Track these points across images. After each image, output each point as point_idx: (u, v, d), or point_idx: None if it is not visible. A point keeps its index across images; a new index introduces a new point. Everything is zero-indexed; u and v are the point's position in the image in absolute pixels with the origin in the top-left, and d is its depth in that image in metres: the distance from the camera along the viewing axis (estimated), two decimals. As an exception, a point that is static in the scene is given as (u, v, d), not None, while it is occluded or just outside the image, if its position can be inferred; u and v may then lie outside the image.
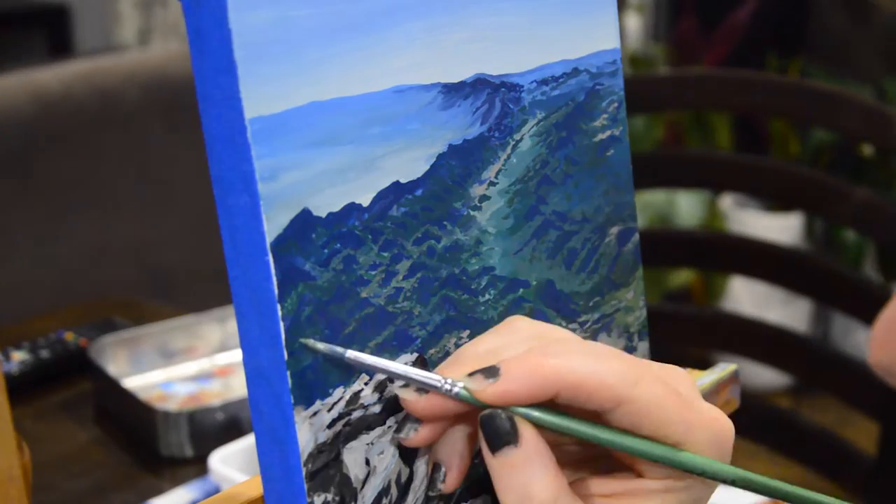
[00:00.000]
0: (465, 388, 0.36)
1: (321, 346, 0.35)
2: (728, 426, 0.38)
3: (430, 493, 0.39)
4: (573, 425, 0.36)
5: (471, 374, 0.36)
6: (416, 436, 0.37)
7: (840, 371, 1.03)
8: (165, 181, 1.64)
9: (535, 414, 0.36)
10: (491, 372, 0.36)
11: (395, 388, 0.38)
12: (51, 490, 0.80)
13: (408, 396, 0.37)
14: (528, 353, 0.36)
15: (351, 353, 0.36)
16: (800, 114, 1.06)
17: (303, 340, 0.35)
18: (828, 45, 2.76)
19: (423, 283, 0.39)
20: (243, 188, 0.34)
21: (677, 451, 0.37)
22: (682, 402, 0.37)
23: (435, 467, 0.39)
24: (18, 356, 0.96)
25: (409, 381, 0.37)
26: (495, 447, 0.36)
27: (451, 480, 0.38)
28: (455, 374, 0.37)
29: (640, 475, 0.38)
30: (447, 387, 0.36)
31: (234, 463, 0.75)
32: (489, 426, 0.36)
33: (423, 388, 0.37)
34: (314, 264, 0.36)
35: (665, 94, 1.11)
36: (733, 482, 0.37)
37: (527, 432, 0.36)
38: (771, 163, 1.08)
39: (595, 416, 0.37)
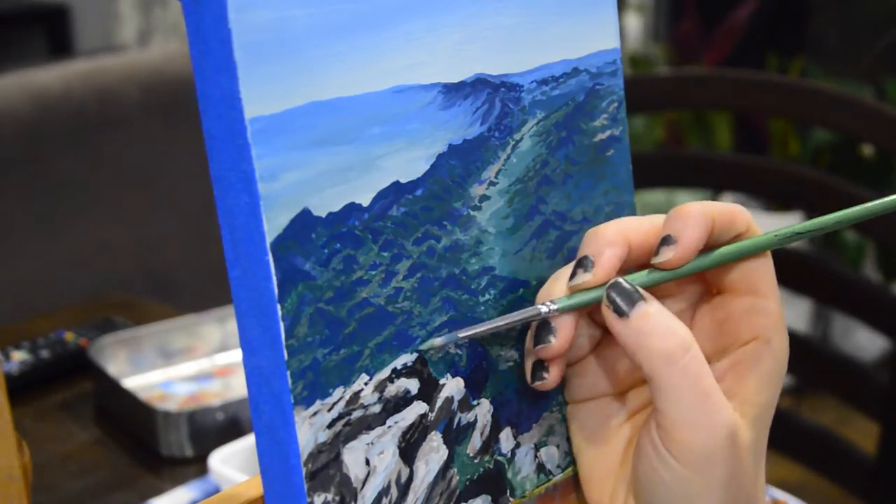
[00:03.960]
0: (567, 292, 0.40)
1: (438, 341, 0.39)
2: None
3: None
4: (676, 271, 0.41)
5: (656, 253, 0.40)
6: (549, 377, 0.41)
7: (840, 371, 1.03)
8: (165, 181, 1.64)
9: (646, 277, 0.40)
10: (668, 240, 0.40)
11: (527, 352, 0.41)
12: (51, 490, 0.80)
13: (540, 350, 0.40)
14: (686, 210, 0.40)
15: (463, 333, 0.39)
16: (800, 114, 1.06)
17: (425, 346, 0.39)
18: (828, 45, 2.76)
19: (424, 283, 0.39)
20: (243, 188, 0.34)
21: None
22: None
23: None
24: (18, 356, 0.96)
25: (517, 323, 0.40)
26: (628, 308, 0.38)
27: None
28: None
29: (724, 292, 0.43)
30: (553, 307, 0.39)
31: (234, 463, 0.75)
32: (617, 293, 0.39)
33: (532, 320, 0.40)
34: (314, 264, 0.36)
35: (665, 94, 1.11)
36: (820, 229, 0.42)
37: (645, 292, 0.39)
38: (771, 163, 1.08)
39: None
